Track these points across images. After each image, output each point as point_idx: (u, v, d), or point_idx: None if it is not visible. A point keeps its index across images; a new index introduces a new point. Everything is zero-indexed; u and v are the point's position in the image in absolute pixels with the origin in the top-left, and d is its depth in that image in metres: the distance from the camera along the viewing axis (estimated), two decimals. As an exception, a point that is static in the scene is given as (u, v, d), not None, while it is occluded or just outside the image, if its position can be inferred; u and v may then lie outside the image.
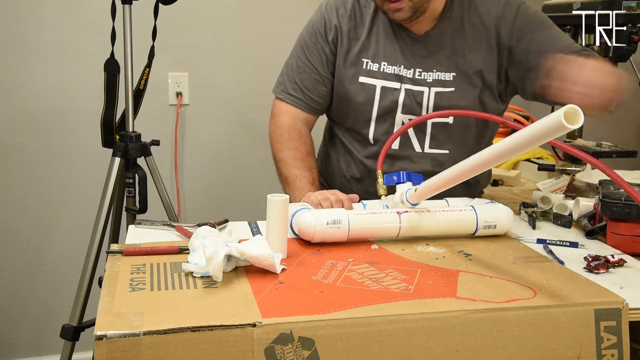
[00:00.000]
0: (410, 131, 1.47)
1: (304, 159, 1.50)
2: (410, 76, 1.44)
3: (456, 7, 1.43)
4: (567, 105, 0.80)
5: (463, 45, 1.43)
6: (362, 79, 1.46)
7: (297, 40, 1.55)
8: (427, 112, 1.45)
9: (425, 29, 1.44)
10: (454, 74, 1.43)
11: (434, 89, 1.43)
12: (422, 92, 1.44)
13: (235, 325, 0.80)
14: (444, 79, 1.44)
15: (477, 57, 1.43)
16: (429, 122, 1.46)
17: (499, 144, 0.93)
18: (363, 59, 1.47)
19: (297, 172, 1.47)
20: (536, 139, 0.86)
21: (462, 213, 1.22)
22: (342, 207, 1.30)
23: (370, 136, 1.49)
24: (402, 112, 1.46)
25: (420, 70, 1.44)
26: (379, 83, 1.45)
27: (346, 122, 1.54)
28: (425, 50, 1.44)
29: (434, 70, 1.43)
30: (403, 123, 1.46)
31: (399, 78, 1.45)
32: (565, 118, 0.79)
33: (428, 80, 1.44)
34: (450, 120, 1.46)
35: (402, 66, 1.44)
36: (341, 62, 1.49)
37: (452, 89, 1.43)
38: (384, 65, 1.45)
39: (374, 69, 1.45)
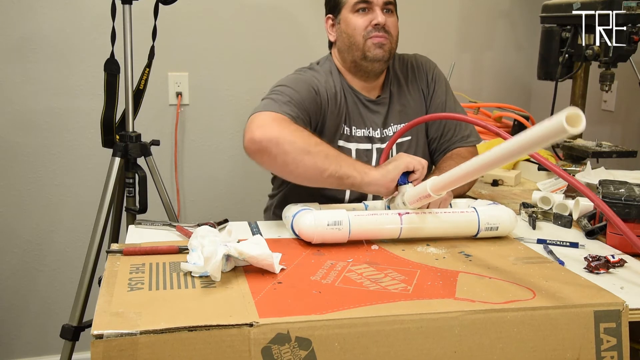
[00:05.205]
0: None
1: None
2: (378, 136, 1.56)
3: (393, 68, 1.61)
4: (569, 107, 0.80)
5: (407, 97, 1.60)
6: (340, 143, 1.53)
7: (280, 84, 1.46)
8: None
9: (377, 94, 1.58)
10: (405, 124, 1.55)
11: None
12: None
13: (232, 325, 0.80)
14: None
15: (417, 104, 1.61)
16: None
17: (500, 147, 0.93)
18: (341, 124, 1.54)
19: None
20: (537, 142, 0.86)
21: (464, 215, 1.21)
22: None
23: (347, 197, 1.54)
24: None
25: (383, 129, 1.57)
26: (353, 146, 1.54)
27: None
28: (383, 109, 1.58)
29: (392, 124, 1.58)
30: None
31: (370, 139, 1.56)
32: (567, 121, 0.79)
33: (390, 136, 1.57)
34: (407, 137, 1.60)
35: (371, 128, 1.56)
36: (326, 124, 1.50)
37: (409, 137, 1.59)
38: (354, 129, 1.54)
39: (347, 133, 1.54)
